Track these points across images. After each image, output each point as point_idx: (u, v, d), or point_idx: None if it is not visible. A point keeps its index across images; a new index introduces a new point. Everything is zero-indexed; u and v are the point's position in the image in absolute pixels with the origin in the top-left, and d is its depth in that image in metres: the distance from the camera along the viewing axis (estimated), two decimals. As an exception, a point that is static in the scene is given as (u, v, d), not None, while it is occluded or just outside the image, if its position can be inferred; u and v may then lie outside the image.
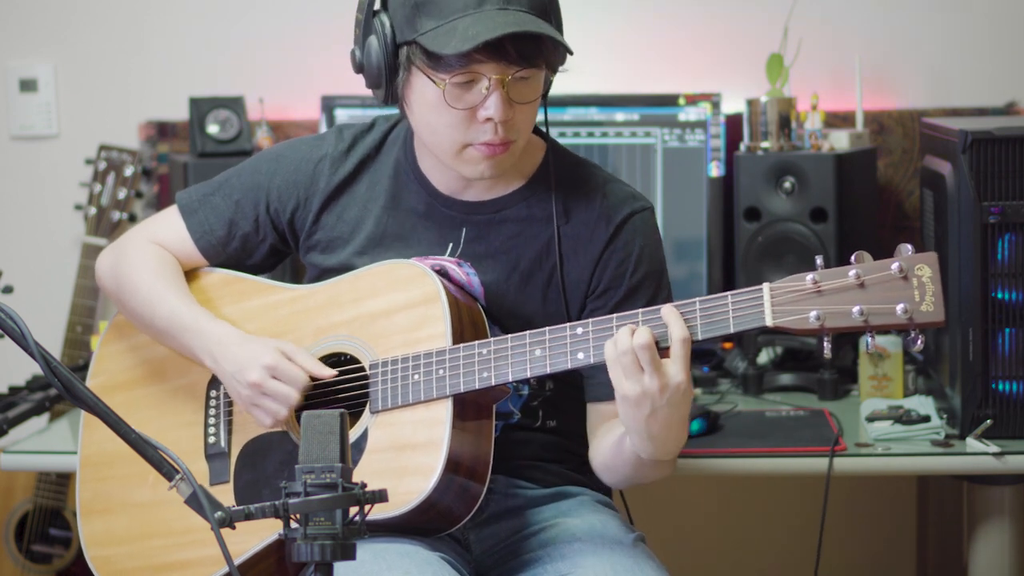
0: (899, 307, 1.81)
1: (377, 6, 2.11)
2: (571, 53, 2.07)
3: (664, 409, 1.92)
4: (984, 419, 2.48)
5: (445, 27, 2.02)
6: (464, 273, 2.14)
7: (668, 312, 1.92)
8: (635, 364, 1.90)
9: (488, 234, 2.18)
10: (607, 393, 2.04)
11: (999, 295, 2.49)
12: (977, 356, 2.49)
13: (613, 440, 2.09)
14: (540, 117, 2.17)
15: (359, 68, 2.14)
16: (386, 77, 2.10)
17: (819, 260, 1.87)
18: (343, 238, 2.22)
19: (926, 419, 2.57)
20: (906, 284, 1.82)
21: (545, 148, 2.23)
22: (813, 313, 1.84)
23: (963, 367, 2.50)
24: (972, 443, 2.48)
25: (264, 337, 2.16)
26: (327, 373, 2.11)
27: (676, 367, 1.91)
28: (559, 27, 2.10)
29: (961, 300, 2.49)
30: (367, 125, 2.28)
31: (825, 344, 1.87)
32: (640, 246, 2.17)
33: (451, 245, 2.18)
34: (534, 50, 2.03)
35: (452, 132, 2.08)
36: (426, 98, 2.08)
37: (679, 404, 1.93)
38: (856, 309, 1.82)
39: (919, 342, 1.84)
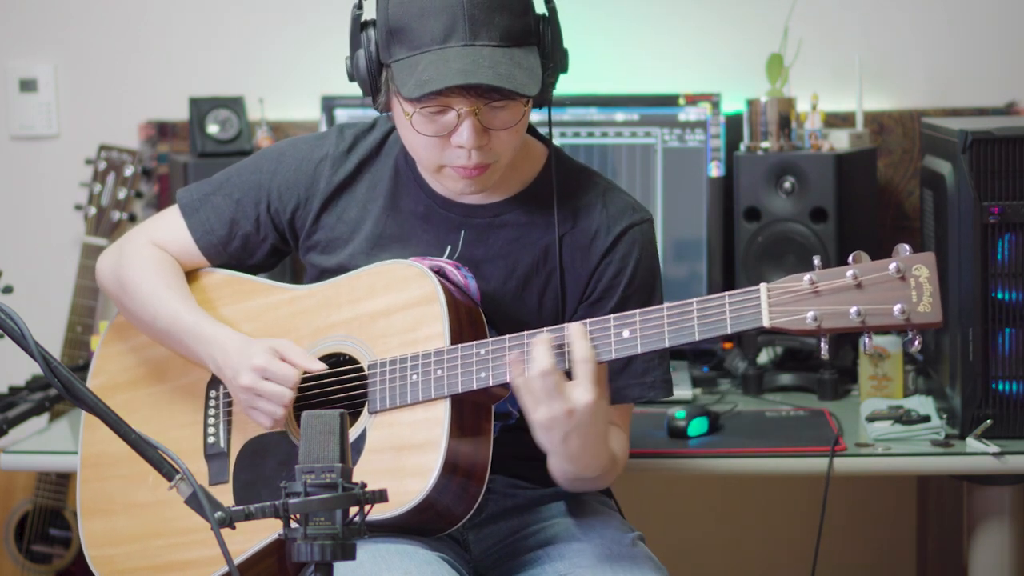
0: (896, 308, 1.81)
1: (366, 18, 2.10)
2: (534, 95, 2.01)
3: (576, 431, 1.93)
4: (984, 419, 2.48)
5: (410, 61, 2.01)
6: (462, 276, 2.14)
7: (572, 331, 1.94)
8: (541, 390, 1.92)
9: (486, 238, 2.18)
10: None
11: (999, 295, 2.49)
12: (977, 356, 2.49)
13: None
14: (540, 118, 2.16)
15: (351, 78, 2.14)
16: (371, 92, 2.10)
17: (816, 260, 1.87)
18: (343, 238, 2.22)
19: (926, 419, 2.57)
20: (904, 284, 1.82)
21: (547, 154, 2.22)
22: (810, 314, 1.84)
23: (963, 367, 2.50)
24: (972, 443, 2.48)
25: (261, 339, 2.16)
26: (317, 367, 2.11)
27: (580, 389, 1.92)
28: (554, 40, 2.07)
29: (961, 300, 2.49)
30: (368, 125, 2.27)
31: (822, 345, 1.87)
32: (637, 258, 2.17)
33: (449, 248, 2.18)
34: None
35: (427, 153, 2.08)
36: (402, 120, 2.08)
37: (590, 424, 1.94)
38: (853, 310, 1.82)
39: (917, 343, 1.84)
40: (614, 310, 2.13)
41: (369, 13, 2.10)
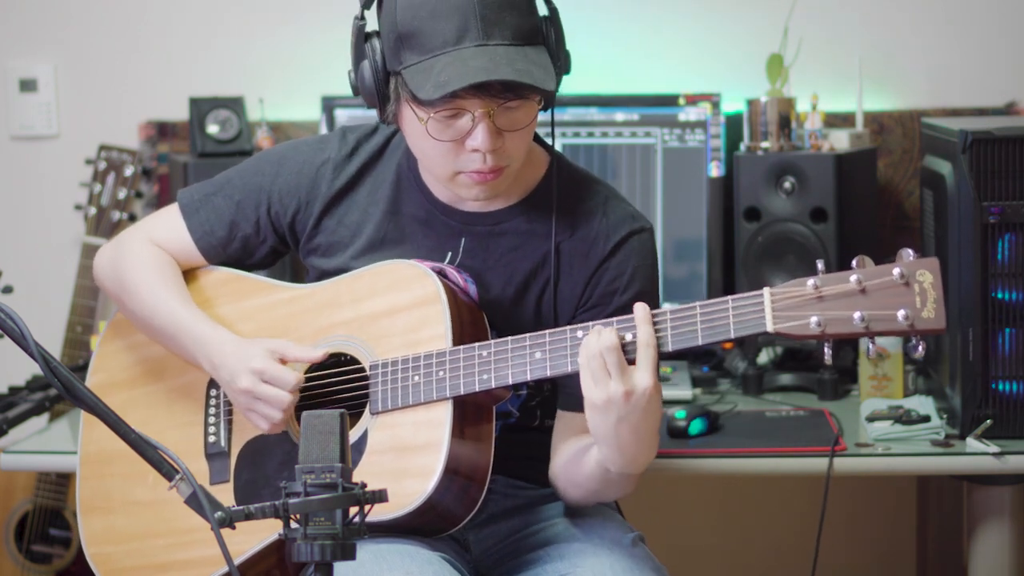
0: (900, 313, 1.79)
1: (370, 29, 2.09)
2: (554, 90, 2.01)
3: (632, 416, 1.90)
4: (984, 419, 2.48)
5: (424, 64, 1.99)
6: (462, 279, 2.13)
7: (638, 315, 1.91)
8: (602, 369, 1.89)
9: (487, 246, 2.17)
10: (578, 403, 1.99)
11: (999, 295, 2.49)
12: (977, 356, 2.49)
13: (577, 453, 2.07)
14: (544, 118, 2.15)
15: (355, 91, 2.13)
16: (379, 103, 2.09)
17: (820, 264, 1.85)
18: (344, 242, 2.22)
19: (926, 419, 2.57)
20: (907, 290, 1.80)
21: (548, 161, 2.20)
22: (814, 319, 1.83)
23: (963, 367, 2.50)
24: (972, 443, 2.48)
25: (260, 339, 2.16)
26: (318, 355, 2.10)
27: (642, 372, 1.89)
28: (558, 41, 2.07)
29: (961, 300, 2.49)
30: (371, 129, 2.26)
31: (826, 350, 1.86)
32: (634, 267, 2.15)
33: (450, 254, 2.17)
34: (519, 82, 1.99)
35: (442, 160, 2.06)
36: (415, 127, 2.06)
37: (647, 410, 1.90)
38: (857, 315, 1.81)
39: (920, 348, 1.82)
40: (611, 318, 2.12)
41: (371, 25, 2.09)
